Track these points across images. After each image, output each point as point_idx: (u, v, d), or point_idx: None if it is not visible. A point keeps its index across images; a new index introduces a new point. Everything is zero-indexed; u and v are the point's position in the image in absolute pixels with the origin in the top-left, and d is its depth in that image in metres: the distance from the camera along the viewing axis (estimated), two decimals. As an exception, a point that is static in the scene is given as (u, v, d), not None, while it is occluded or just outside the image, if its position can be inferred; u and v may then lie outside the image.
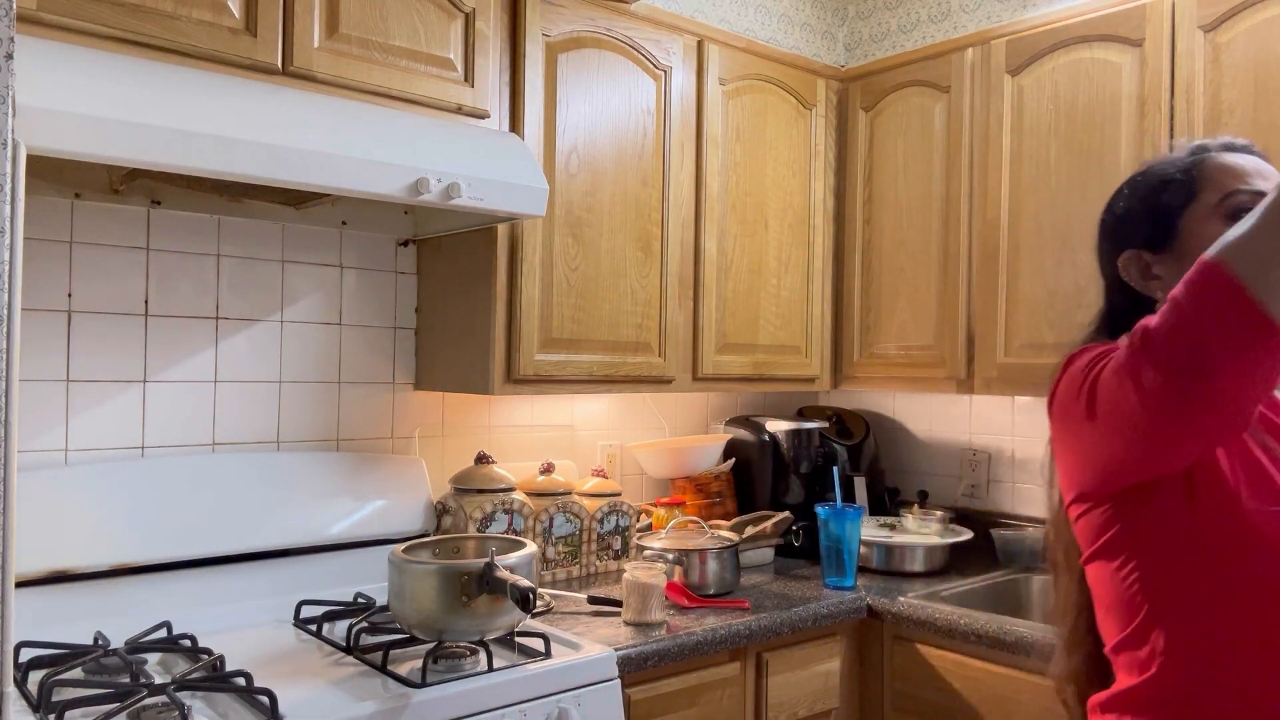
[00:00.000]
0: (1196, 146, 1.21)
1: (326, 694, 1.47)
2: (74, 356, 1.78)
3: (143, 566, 1.74)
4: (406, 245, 2.22)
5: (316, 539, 1.94)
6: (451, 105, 1.88)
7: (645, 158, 2.23)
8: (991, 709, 1.88)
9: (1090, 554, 1.16)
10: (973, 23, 2.60)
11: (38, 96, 1.27)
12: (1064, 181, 2.21)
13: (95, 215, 1.80)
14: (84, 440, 1.79)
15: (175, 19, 1.54)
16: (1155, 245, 1.19)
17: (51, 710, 1.32)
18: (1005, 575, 2.38)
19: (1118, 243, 1.24)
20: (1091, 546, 1.15)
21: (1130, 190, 1.25)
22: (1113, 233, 1.26)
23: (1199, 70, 2.00)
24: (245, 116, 1.50)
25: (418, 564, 1.57)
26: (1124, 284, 1.23)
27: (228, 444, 1.96)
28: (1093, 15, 2.17)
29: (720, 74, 2.39)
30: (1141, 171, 1.25)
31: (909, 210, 2.52)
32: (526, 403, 2.42)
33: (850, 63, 2.86)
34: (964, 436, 2.72)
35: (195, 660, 1.56)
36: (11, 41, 0.95)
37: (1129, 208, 1.24)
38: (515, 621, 1.62)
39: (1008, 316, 2.30)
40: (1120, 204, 1.25)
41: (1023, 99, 2.29)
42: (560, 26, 2.06)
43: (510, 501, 2.11)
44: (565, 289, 2.08)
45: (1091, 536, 1.15)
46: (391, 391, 2.19)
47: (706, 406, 2.82)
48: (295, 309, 2.05)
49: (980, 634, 1.91)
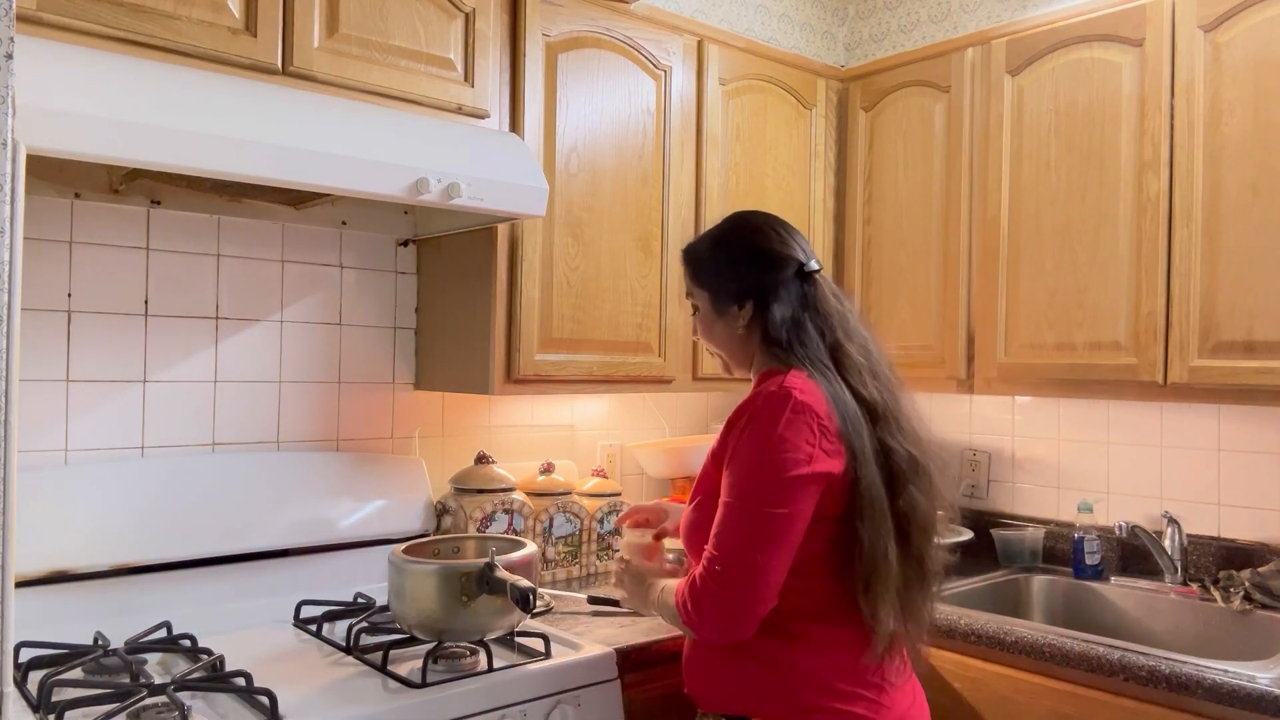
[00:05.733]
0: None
1: (326, 694, 1.47)
2: (74, 356, 1.78)
3: (143, 566, 1.74)
4: (406, 245, 2.21)
5: (316, 539, 1.94)
6: (451, 105, 1.88)
7: (645, 158, 2.23)
8: (991, 709, 1.88)
9: None
10: (973, 23, 2.60)
11: (38, 96, 1.27)
12: (1064, 181, 2.21)
13: (95, 215, 1.80)
14: (84, 440, 1.79)
15: (175, 19, 1.54)
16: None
17: (51, 710, 1.32)
18: (1005, 575, 2.38)
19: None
20: None
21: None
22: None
23: (1199, 70, 2.00)
24: (245, 116, 1.50)
25: (418, 564, 1.57)
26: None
27: (228, 444, 1.95)
28: (1093, 15, 2.17)
29: (720, 74, 2.39)
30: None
31: (909, 210, 2.52)
32: (526, 403, 2.42)
33: (850, 63, 2.86)
34: (964, 436, 2.72)
35: (195, 660, 1.56)
36: (11, 41, 0.95)
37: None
38: (515, 621, 1.62)
39: (1008, 316, 2.30)
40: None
41: (1023, 99, 2.29)
42: (560, 26, 2.06)
43: (510, 501, 2.11)
44: (565, 289, 2.08)
45: None
46: (391, 391, 2.19)
47: (706, 406, 2.82)
48: (295, 309, 2.05)
49: (980, 634, 1.90)
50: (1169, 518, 2.23)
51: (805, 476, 1.35)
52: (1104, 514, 2.40)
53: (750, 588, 1.33)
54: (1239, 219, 1.93)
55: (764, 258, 1.52)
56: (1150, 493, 2.37)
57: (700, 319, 1.59)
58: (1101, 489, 2.45)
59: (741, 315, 1.52)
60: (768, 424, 1.36)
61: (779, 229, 1.56)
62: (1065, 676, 1.79)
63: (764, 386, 1.43)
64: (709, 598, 1.36)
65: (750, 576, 1.33)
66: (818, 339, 1.47)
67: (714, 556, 1.36)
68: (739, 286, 1.52)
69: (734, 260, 1.54)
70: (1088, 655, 1.75)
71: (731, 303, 1.53)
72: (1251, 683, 1.58)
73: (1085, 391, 2.19)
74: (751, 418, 1.39)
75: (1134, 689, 1.70)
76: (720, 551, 1.36)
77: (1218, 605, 2.06)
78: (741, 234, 1.57)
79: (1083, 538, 2.31)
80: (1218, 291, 1.96)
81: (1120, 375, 2.09)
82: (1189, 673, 1.63)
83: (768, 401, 1.38)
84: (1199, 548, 2.26)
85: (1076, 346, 2.17)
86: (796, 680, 1.40)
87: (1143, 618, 2.18)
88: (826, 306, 1.50)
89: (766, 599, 1.35)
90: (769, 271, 1.50)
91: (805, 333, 1.47)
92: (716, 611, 1.36)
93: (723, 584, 1.34)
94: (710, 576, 1.36)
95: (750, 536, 1.34)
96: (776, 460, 1.35)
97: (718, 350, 1.59)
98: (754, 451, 1.37)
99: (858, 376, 1.46)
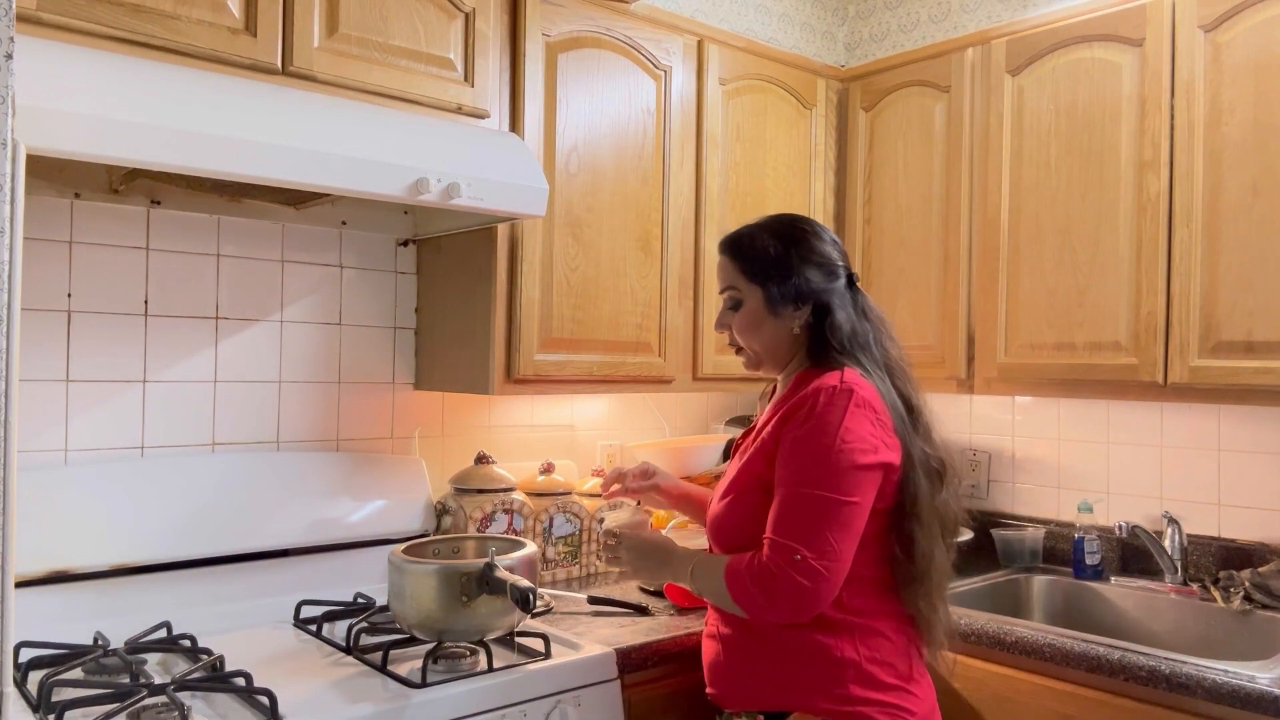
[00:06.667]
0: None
1: (326, 694, 1.47)
2: (74, 356, 1.78)
3: (143, 566, 1.74)
4: (406, 245, 2.21)
5: (316, 539, 1.94)
6: (451, 105, 1.88)
7: (645, 157, 2.23)
8: (991, 709, 1.88)
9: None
10: (973, 23, 2.60)
11: (38, 96, 1.27)
12: (1064, 181, 2.21)
13: (95, 215, 1.80)
14: (84, 440, 1.79)
15: (175, 19, 1.54)
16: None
17: (51, 710, 1.32)
18: (1005, 575, 2.38)
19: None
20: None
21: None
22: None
23: (1199, 70, 1.99)
24: (245, 116, 1.50)
25: (418, 564, 1.57)
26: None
27: (227, 444, 1.95)
28: (1093, 15, 2.17)
29: (720, 74, 2.39)
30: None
31: (909, 210, 2.52)
32: (526, 403, 2.42)
33: (850, 63, 2.86)
34: (964, 436, 2.72)
35: (195, 660, 1.56)
36: (11, 41, 0.95)
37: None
38: (515, 621, 1.62)
39: (1008, 316, 2.30)
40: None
41: (1023, 99, 2.29)
42: (560, 26, 2.06)
43: (510, 501, 2.11)
44: (565, 289, 2.08)
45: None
46: (391, 391, 2.19)
47: (706, 406, 2.82)
48: (295, 309, 2.05)
49: (980, 634, 1.90)
50: (1169, 518, 2.23)
51: (871, 465, 1.41)
52: (1104, 514, 2.40)
53: (829, 571, 1.37)
54: (1239, 219, 1.93)
55: (826, 264, 1.56)
56: (1150, 493, 2.37)
57: (745, 314, 1.59)
58: (1101, 489, 2.45)
59: (799, 316, 1.55)
60: (833, 417, 1.41)
61: (825, 231, 1.62)
62: (1065, 676, 1.79)
63: (821, 381, 1.46)
64: (785, 582, 1.37)
65: (829, 560, 1.37)
66: (871, 344, 1.55)
67: (786, 544, 1.38)
68: (804, 289, 1.54)
69: (804, 260, 1.55)
70: (1088, 655, 1.75)
71: (790, 303, 1.55)
72: (1251, 683, 1.58)
73: (1085, 391, 2.19)
74: (813, 410, 1.43)
75: (1134, 689, 1.70)
76: (793, 537, 1.38)
77: (1218, 605, 2.06)
78: (801, 234, 1.59)
79: (1083, 538, 2.31)
80: (1218, 291, 1.96)
81: (1120, 375, 2.09)
82: (1189, 673, 1.63)
83: (831, 396, 1.43)
84: (1199, 548, 2.25)
85: (1076, 346, 2.17)
86: (842, 672, 1.43)
87: (1143, 618, 2.18)
88: (872, 314, 1.59)
89: (839, 583, 1.39)
90: (829, 278, 1.56)
91: (862, 337, 1.54)
92: (795, 595, 1.37)
93: (802, 570, 1.36)
94: (787, 563, 1.37)
95: (824, 521, 1.38)
96: (845, 449, 1.39)
97: (757, 347, 1.60)
98: (820, 442, 1.40)
99: (904, 380, 1.55)
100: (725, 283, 1.62)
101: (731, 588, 1.43)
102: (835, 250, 1.60)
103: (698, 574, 1.52)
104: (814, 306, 1.55)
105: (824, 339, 1.53)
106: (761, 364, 1.62)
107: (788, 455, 1.44)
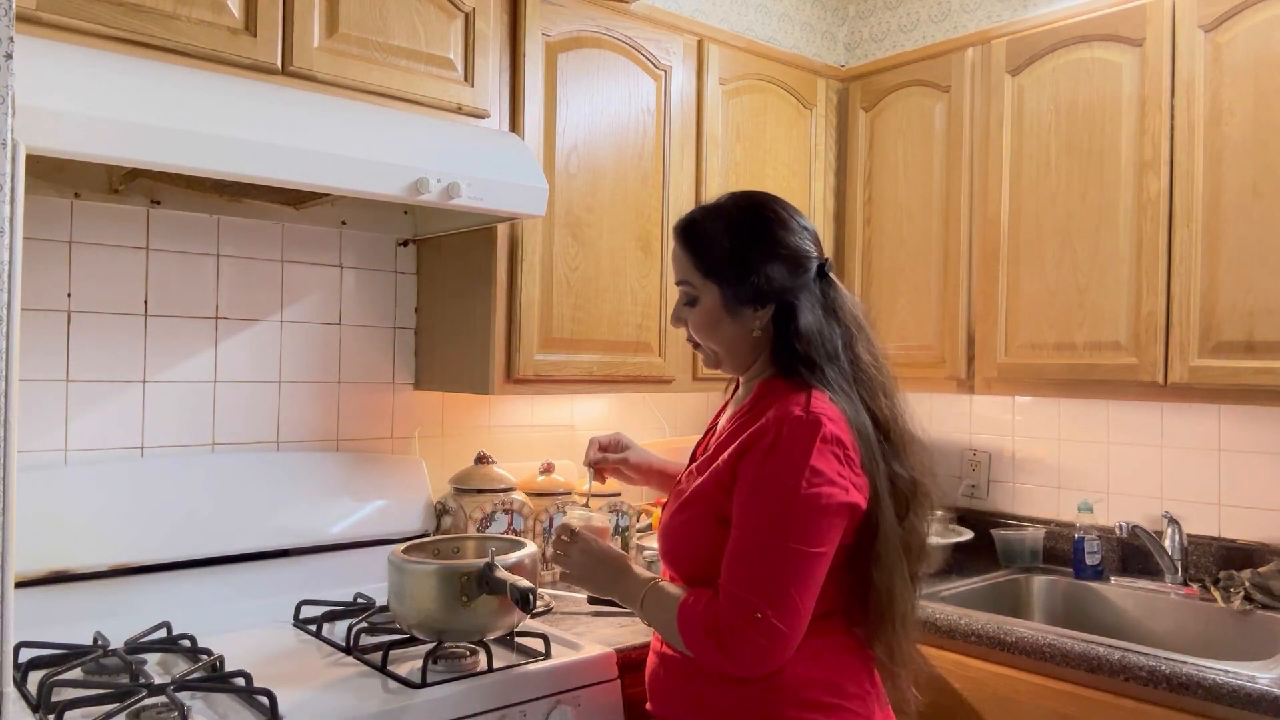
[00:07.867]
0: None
1: (326, 694, 1.47)
2: (74, 356, 1.78)
3: (143, 566, 1.74)
4: (406, 245, 2.21)
5: (316, 539, 1.94)
6: (451, 105, 1.88)
7: (645, 157, 2.23)
8: (991, 709, 1.88)
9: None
10: (973, 22, 2.60)
11: (38, 96, 1.27)
12: (1064, 181, 2.21)
13: (95, 215, 1.80)
14: (84, 440, 1.79)
15: (175, 19, 1.54)
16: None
17: (51, 710, 1.32)
18: (1005, 575, 2.38)
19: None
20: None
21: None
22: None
23: (1199, 70, 1.99)
24: (245, 116, 1.50)
25: (417, 564, 1.57)
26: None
27: (227, 444, 1.95)
28: (1093, 15, 2.17)
29: (720, 74, 2.39)
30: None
31: (909, 210, 2.52)
32: (526, 403, 2.42)
33: (850, 62, 2.86)
34: (964, 436, 2.72)
35: (195, 660, 1.56)
36: (11, 41, 0.95)
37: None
38: (515, 621, 1.62)
39: (1008, 316, 2.30)
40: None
41: (1023, 99, 2.29)
42: (560, 26, 2.06)
43: (510, 501, 2.11)
44: (565, 289, 2.08)
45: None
46: (391, 391, 2.19)
47: (706, 406, 2.82)
48: (295, 309, 2.05)
49: (980, 634, 1.90)
50: (1169, 518, 2.23)
51: (837, 508, 1.29)
52: (1104, 514, 2.40)
53: (790, 630, 1.27)
54: (1239, 219, 1.93)
55: (791, 257, 1.39)
56: (1150, 493, 2.37)
57: (700, 313, 1.44)
58: (1102, 489, 2.45)
59: (759, 317, 1.40)
60: (798, 454, 1.28)
61: (794, 215, 1.44)
62: (1065, 676, 1.79)
63: (785, 408, 1.32)
64: (742, 641, 1.27)
65: (792, 621, 1.27)
66: (840, 351, 1.39)
67: (746, 600, 1.27)
68: (765, 288, 1.38)
69: (767, 256, 1.39)
70: (1088, 655, 1.75)
71: (749, 304, 1.40)
72: (1251, 683, 1.58)
73: (1085, 391, 2.19)
74: (775, 445, 1.29)
75: (1134, 689, 1.70)
76: (754, 592, 1.27)
77: (1218, 605, 2.06)
78: (764, 225, 1.41)
79: (1083, 538, 2.31)
80: (1218, 291, 1.96)
81: (1120, 375, 2.09)
82: (1189, 673, 1.63)
83: (795, 429, 1.29)
84: (1199, 548, 2.25)
85: (1077, 346, 2.17)
86: (779, 696, 1.34)
87: (1143, 618, 2.18)
88: (844, 312, 1.42)
89: (799, 640, 1.29)
90: (796, 274, 1.39)
91: (830, 345, 1.38)
92: (752, 655, 1.27)
93: (762, 629, 1.26)
94: (747, 623, 1.26)
95: (787, 576, 1.27)
96: (810, 495, 1.26)
97: (715, 347, 1.46)
98: (784, 483, 1.27)
99: (873, 395, 1.39)
100: (680, 275, 1.45)
101: (684, 632, 1.32)
102: (805, 238, 1.42)
103: (649, 605, 1.40)
104: (777, 307, 1.39)
105: (789, 345, 1.38)
106: (721, 364, 1.48)
107: (748, 495, 1.31)
